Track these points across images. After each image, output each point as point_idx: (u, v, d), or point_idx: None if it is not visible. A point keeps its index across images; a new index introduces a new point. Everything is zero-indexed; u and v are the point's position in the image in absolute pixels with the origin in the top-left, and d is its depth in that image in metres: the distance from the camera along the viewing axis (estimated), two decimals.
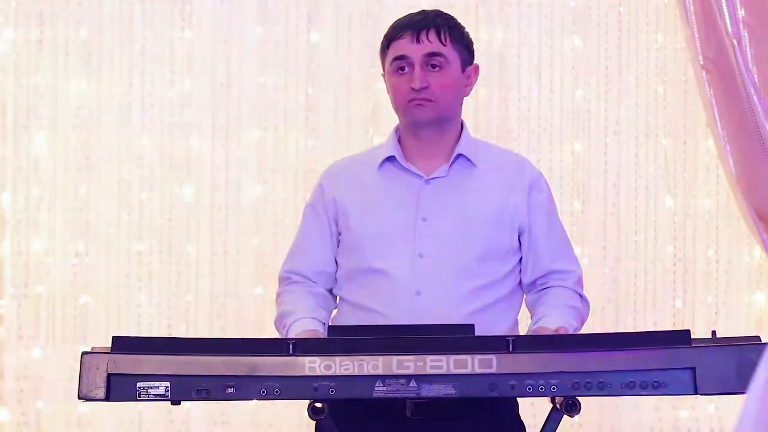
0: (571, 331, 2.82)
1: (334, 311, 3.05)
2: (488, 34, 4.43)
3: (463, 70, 2.96)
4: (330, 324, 2.94)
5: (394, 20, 3.01)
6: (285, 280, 3.06)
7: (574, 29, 4.45)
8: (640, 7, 4.45)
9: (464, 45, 2.97)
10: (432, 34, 2.91)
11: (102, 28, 4.45)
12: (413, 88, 2.88)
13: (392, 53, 2.93)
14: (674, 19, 4.41)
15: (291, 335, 2.83)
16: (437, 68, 2.90)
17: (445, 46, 2.91)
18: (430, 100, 2.90)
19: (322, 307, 2.99)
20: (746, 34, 4.23)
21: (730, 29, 4.22)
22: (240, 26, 4.46)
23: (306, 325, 2.85)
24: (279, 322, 2.97)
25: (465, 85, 2.98)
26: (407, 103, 2.92)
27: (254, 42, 4.45)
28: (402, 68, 2.91)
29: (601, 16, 4.44)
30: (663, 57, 4.44)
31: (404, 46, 2.91)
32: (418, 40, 2.90)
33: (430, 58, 2.90)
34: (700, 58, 4.30)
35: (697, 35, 4.30)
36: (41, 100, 4.45)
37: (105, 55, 4.46)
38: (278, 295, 3.05)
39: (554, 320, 2.82)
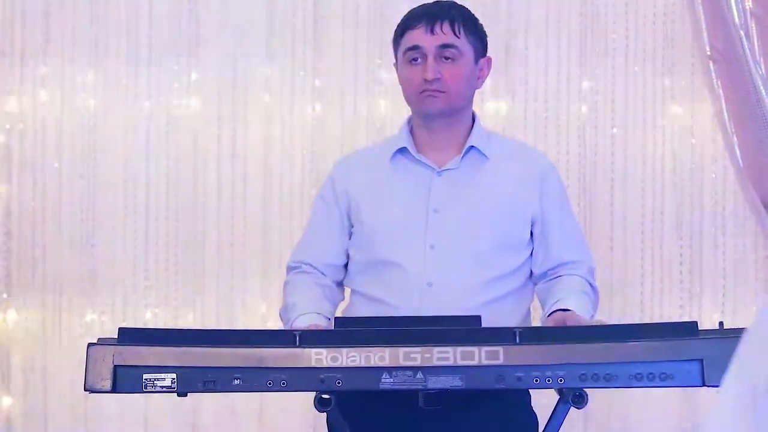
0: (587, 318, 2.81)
1: (344, 303, 3.04)
2: (494, 23, 4.42)
3: (476, 62, 2.96)
4: (341, 315, 2.93)
5: (408, 11, 2.99)
6: (293, 269, 3.05)
7: (581, 19, 4.43)
8: None
9: (478, 37, 2.97)
10: (446, 26, 2.90)
11: (109, 17, 4.45)
12: (426, 79, 2.89)
13: (405, 43, 2.93)
14: (681, 9, 4.39)
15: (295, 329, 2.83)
16: (450, 60, 2.91)
17: (458, 38, 2.91)
18: (442, 91, 2.90)
19: (329, 299, 2.98)
20: (754, 25, 4.22)
21: (737, 20, 4.21)
22: (249, 16, 4.45)
23: (310, 321, 2.85)
24: (284, 313, 2.97)
25: (477, 78, 2.98)
26: (419, 94, 2.92)
27: (261, 27, 4.45)
28: (415, 59, 2.91)
29: (609, 5, 4.42)
30: (670, 47, 4.43)
31: (418, 36, 2.91)
32: (432, 31, 2.89)
33: (443, 49, 2.90)
34: (708, 48, 4.29)
35: (704, 25, 4.29)
36: (47, 91, 4.45)
37: (112, 44, 4.45)
38: (285, 284, 3.05)
39: (573, 303, 2.81)
